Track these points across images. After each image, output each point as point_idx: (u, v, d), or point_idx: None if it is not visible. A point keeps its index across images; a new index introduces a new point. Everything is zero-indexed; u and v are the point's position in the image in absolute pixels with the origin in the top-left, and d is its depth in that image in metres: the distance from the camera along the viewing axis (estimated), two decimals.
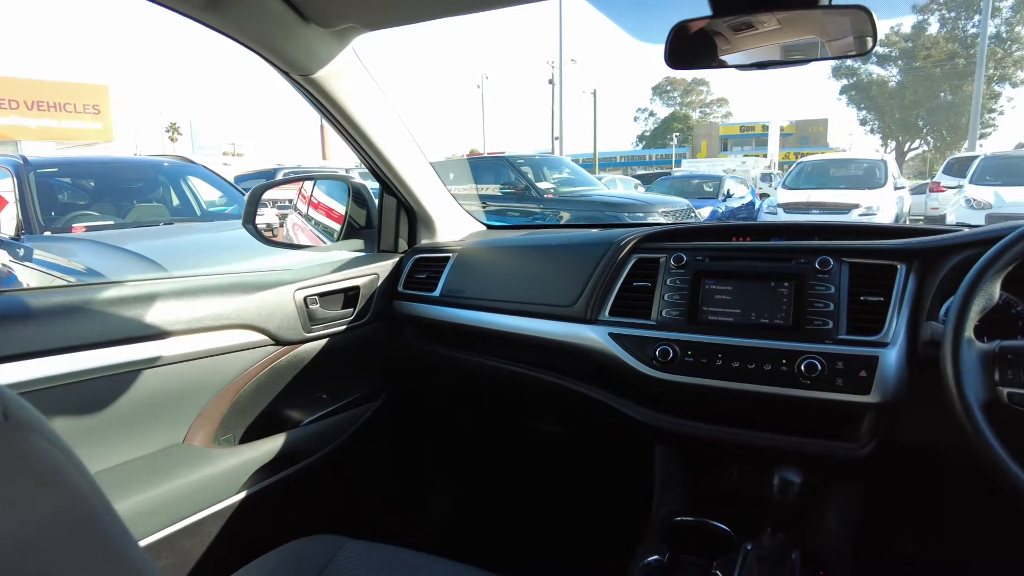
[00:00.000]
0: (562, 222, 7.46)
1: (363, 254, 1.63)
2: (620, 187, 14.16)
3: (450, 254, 1.55)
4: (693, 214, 8.28)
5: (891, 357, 0.99)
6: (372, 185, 1.66)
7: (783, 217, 8.83)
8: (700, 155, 42.48)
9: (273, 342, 1.27)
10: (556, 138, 30.09)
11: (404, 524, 1.73)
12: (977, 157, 9.28)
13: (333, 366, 1.44)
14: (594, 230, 1.54)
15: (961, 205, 8.22)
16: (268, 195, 1.58)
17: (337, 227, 1.69)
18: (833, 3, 0.92)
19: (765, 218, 9.81)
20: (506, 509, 1.84)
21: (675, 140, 46.53)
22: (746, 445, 1.16)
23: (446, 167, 9.54)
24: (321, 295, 1.37)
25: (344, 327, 1.43)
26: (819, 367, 1.01)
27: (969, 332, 0.83)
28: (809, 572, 1.12)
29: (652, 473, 1.40)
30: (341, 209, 1.69)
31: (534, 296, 1.35)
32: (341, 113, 1.30)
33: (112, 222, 3.81)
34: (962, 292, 0.84)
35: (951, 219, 8.33)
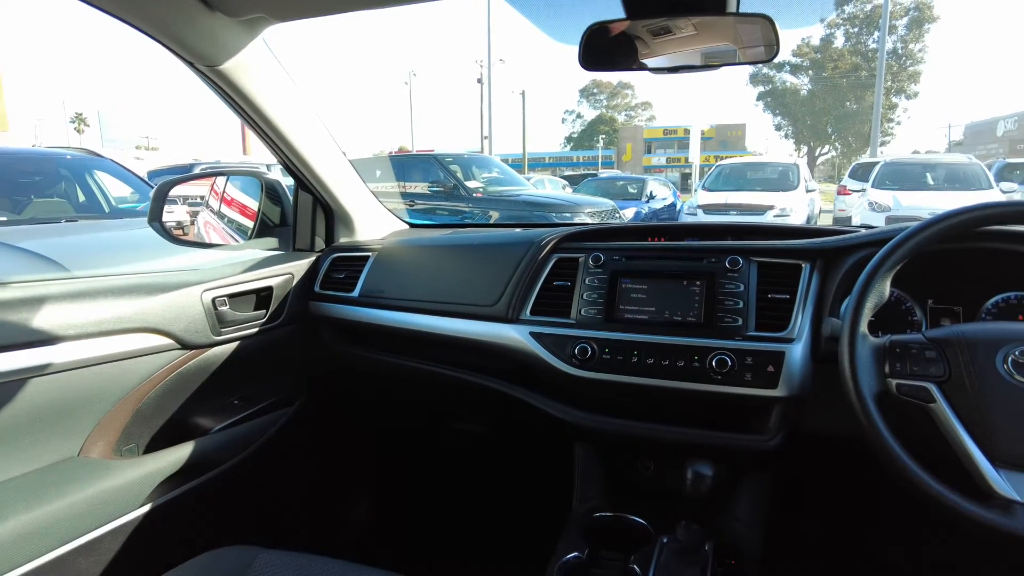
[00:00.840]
0: (491, 221, 7.46)
1: (277, 253, 1.57)
2: (548, 187, 14.30)
3: (370, 253, 1.51)
4: (618, 215, 8.46)
5: (796, 352, 1.03)
6: (289, 182, 1.60)
7: (702, 218, 9.15)
8: (626, 157, 43.48)
9: (179, 346, 1.21)
10: (485, 137, 30.09)
11: (322, 532, 1.68)
12: (878, 163, 9.91)
13: (245, 370, 1.38)
14: (516, 230, 1.54)
15: (865, 208, 8.75)
16: (179, 191, 1.50)
17: (250, 224, 1.62)
18: (740, 12, 0.96)
19: (685, 219, 10.14)
20: (427, 511, 1.82)
21: (601, 142, 47.45)
22: (661, 440, 1.19)
23: (373, 164, 9.36)
24: (231, 296, 1.31)
25: (256, 329, 1.37)
26: (729, 363, 1.04)
27: (863, 327, 0.88)
28: (721, 562, 1.16)
29: (572, 470, 1.41)
30: (254, 206, 1.62)
31: (456, 296, 1.34)
32: (251, 107, 1.24)
33: (5, 219, 3.53)
34: (856, 291, 0.89)
35: (856, 220, 8.86)
